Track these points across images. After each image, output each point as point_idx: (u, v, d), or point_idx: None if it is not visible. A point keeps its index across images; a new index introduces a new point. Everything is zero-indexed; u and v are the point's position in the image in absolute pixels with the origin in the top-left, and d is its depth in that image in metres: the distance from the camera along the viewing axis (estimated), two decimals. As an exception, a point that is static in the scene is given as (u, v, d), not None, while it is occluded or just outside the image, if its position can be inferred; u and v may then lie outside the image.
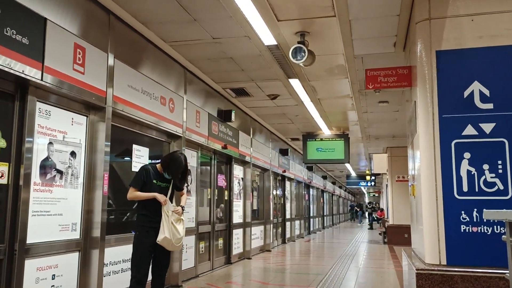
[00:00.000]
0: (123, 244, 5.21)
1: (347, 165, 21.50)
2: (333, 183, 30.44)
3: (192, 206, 7.34)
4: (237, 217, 9.87)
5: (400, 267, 8.67)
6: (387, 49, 6.06)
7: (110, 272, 4.97)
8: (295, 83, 7.73)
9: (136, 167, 5.57)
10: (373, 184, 28.00)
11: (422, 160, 4.31)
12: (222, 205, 9.18)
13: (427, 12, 4.37)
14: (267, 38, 5.74)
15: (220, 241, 8.88)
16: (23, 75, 3.66)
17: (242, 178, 10.51)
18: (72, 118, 4.50)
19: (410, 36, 5.14)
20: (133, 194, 4.30)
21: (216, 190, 8.70)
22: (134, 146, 5.76)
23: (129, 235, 5.42)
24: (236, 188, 9.93)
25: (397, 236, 13.93)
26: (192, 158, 7.40)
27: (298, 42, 5.59)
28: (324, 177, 25.16)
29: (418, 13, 4.47)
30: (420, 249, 4.55)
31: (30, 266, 3.83)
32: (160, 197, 4.30)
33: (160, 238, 4.21)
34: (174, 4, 4.93)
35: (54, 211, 4.18)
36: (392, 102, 9.03)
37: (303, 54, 5.54)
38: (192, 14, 5.17)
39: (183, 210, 4.51)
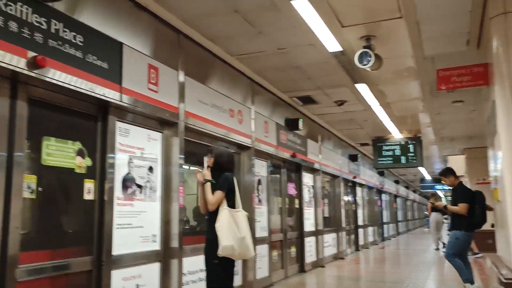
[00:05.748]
0: (198, 254, 5.36)
1: (421, 169, 20.63)
2: (407, 187, 29.34)
3: (264, 215, 7.43)
4: (308, 225, 9.82)
5: (484, 275, 8.17)
6: (460, 47, 5.80)
7: (188, 282, 5.14)
8: (362, 88, 7.60)
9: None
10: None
11: (505, 161, 4.06)
12: (293, 213, 9.18)
13: (502, 6, 4.14)
14: (332, 45, 5.70)
15: (293, 249, 8.88)
16: (104, 98, 3.92)
17: (312, 186, 10.45)
18: (149, 135, 4.74)
19: (484, 32, 4.90)
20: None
21: (287, 199, 8.72)
22: (205, 158, 5.92)
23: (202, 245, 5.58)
24: (306, 196, 9.89)
25: (479, 242, 13.12)
26: (262, 168, 7.50)
27: (364, 47, 5.51)
28: (397, 182, 24.32)
29: (492, 8, 4.25)
30: (507, 256, 4.28)
31: (117, 276, 4.06)
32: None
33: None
34: (239, 20, 5.06)
35: (136, 223, 4.41)
36: (467, 101, 8.58)
37: (370, 58, 5.45)
38: (257, 27, 5.27)
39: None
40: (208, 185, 3.98)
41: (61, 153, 3.70)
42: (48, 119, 3.73)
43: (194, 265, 5.24)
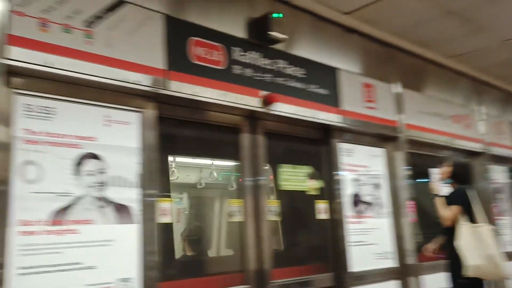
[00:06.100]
0: (438, 271, 5.07)
1: None
2: None
3: (509, 226, 6.59)
4: None
5: None
6: None
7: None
8: None
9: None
10: None
11: None
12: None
13: None
14: None
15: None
16: (326, 122, 4.15)
17: None
18: (371, 152, 4.77)
19: None
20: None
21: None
22: (430, 170, 5.61)
23: (439, 262, 5.27)
24: None
25: None
26: (500, 174, 6.71)
27: None
28: None
29: None
30: None
31: (357, 293, 4.17)
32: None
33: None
34: (455, 20, 4.73)
35: (368, 240, 4.45)
36: None
37: None
38: (475, 23, 4.84)
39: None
40: (441, 199, 3.80)
41: (295, 177, 4.06)
42: (280, 147, 4.14)
43: (435, 283, 4.97)
